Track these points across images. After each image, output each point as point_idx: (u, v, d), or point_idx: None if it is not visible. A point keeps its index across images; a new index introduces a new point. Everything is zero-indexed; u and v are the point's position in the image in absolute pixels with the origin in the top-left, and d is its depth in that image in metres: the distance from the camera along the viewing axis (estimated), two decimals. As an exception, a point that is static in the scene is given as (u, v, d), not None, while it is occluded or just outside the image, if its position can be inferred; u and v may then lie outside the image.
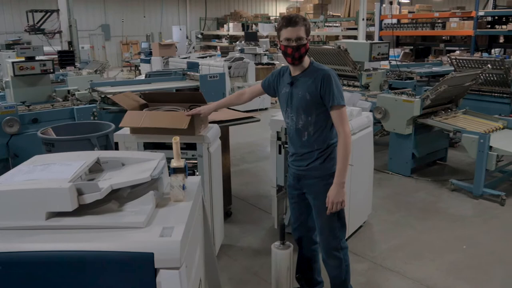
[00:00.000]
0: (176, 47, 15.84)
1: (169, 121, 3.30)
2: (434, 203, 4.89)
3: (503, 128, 5.30)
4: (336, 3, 21.85)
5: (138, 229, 1.81)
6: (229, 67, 10.00)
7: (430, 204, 4.87)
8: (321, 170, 2.72)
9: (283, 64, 10.85)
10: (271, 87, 2.92)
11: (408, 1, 21.19)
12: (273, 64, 11.38)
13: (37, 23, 9.22)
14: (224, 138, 4.46)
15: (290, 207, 3.03)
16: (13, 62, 5.08)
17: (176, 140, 2.07)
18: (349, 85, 7.11)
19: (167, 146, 3.51)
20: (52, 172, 1.98)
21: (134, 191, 2.11)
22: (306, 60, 2.69)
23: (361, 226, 4.26)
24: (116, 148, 3.63)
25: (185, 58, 11.81)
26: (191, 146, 3.48)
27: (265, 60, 12.23)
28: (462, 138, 4.94)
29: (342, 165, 2.62)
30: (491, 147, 4.74)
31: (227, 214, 4.57)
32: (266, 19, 20.86)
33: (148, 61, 13.36)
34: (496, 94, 6.55)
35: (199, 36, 21.34)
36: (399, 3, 14.52)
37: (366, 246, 3.95)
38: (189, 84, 6.00)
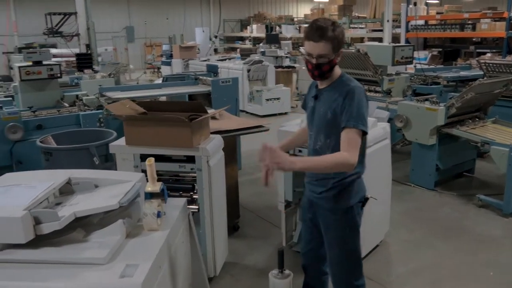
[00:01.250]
0: (198, 49, 15.77)
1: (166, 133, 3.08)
2: (459, 220, 4.51)
3: (537, 140, 4.86)
4: (362, 4, 21.33)
5: (98, 266, 1.58)
6: (248, 70, 9.76)
7: (455, 221, 4.49)
8: (334, 202, 2.37)
9: (304, 68, 10.56)
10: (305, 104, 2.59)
11: (437, 1, 20.54)
12: (293, 67, 11.07)
13: (56, 26, 9.19)
14: (232, 148, 4.21)
15: (302, 228, 2.74)
16: (19, 67, 4.96)
17: (150, 163, 1.83)
18: (370, 91, 6.75)
19: (166, 158, 3.30)
20: (10, 197, 1.77)
21: (107, 216, 1.88)
22: (336, 72, 2.32)
23: (377, 246, 3.92)
24: (113, 160, 3.43)
25: (205, 60, 11.64)
26: (191, 159, 3.24)
27: (286, 63, 11.95)
28: (490, 150, 4.54)
29: (312, 163, 2.25)
30: (523, 160, 4.33)
31: (234, 228, 4.32)
32: (290, 20, 20.55)
33: (169, 64, 13.28)
34: (530, 101, 6.08)
35: (219, 37, 21.19)
36: (426, 4, 14.00)
37: (381, 269, 3.62)
38: (201, 89, 5.77)
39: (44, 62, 5.15)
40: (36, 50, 5.15)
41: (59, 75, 5.14)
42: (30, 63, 5.05)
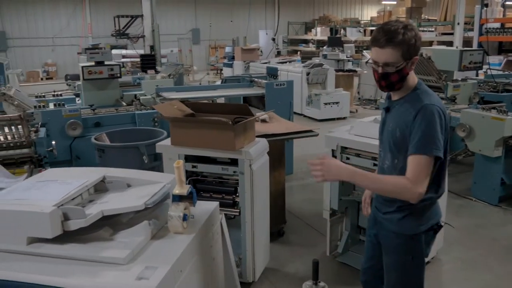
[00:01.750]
0: (261, 51, 15.87)
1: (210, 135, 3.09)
2: (524, 241, 4.14)
3: None
4: (433, 6, 20.43)
5: (118, 266, 1.59)
6: (307, 73, 9.64)
7: (519, 241, 4.13)
8: (398, 226, 2.11)
9: (365, 72, 10.26)
10: None
11: (518, 3, 19.19)
12: (355, 71, 10.79)
13: (123, 28, 9.61)
14: (279, 152, 4.16)
15: (366, 244, 2.49)
16: (82, 67, 5.22)
17: (177, 165, 1.81)
18: (433, 97, 6.40)
19: (210, 160, 3.31)
20: (44, 192, 1.82)
21: (136, 216, 1.89)
22: (411, 82, 2.02)
23: (427, 262, 3.69)
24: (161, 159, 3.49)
25: (265, 63, 11.66)
26: (234, 162, 3.22)
27: (349, 66, 11.68)
28: None
29: (372, 180, 2.00)
30: None
31: (279, 234, 4.25)
32: (355, 23, 20.11)
33: (231, 65, 13.46)
34: None
35: (283, 40, 21.18)
36: (503, 6, 13.10)
37: None
38: (255, 91, 5.76)
39: (106, 63, 5.37)
40: (98, 51, 5.41)
41: (118, 75, 5.35)
42: (93, 63, 5.29)
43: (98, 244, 1.70)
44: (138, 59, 9.82)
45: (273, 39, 12.60)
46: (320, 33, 19.67)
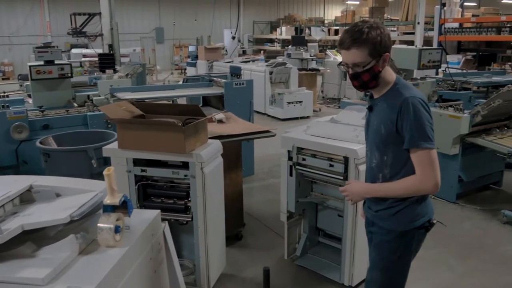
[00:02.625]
0: (226, 50, 15.69)
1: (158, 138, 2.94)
2: (480, 238, 4.17)
3: None
4: (395, 6, 20.77)
5: (36, 288, 1.42)
6: (271, 73, 9.56)
7: (475, 239, 4.15)
8: (390, 222, 2.10)
9: (329, 70, 10.26)
10: None
11: (475, 4, 19.77)
12: (318, 70, 10.79)
13: (80, 26, 9.27)
14: (236, 154, 4.05)
15: (368, 242, 2.37)
16: (30, 66, 4.95)
17: (108, 172, 1.66)
18: (393, 95, 6.44)
19: (161, 163, 3.15)
20: (-43, 205, 1.64)
21: (66, 229, 1.73)
22: (389, 79, 2.02)
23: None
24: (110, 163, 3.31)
25: (229, 62, 11.52)
26: (186, 165, 3.07)
27: (313, 65, 11.67)
28: (518, 162, 4.18)
29: (384, 192, 2.08)
30: (554, 175, 3.96)
31: (237, 238, 4.13)
32: (320, 23, 20.21)
33: (194, 65, 13.25)
34: None
35: (248, 39, 21.10)
36: (462, 6, 13.42)
37: (388, 288, 3.35)
38: (214, 91, 5.62)
39: (56, 62, 5.11)
40: (47, 50, 5.13)
41: (69, 74, 5.10)
42: (42, 63, 5.02)
43: (17, 262, 1.53)
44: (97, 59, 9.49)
45: (233, 38, 12.44)
46: (285, 32, 19.68)
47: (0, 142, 4.35)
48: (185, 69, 15.19)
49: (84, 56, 14.07)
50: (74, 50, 14.72)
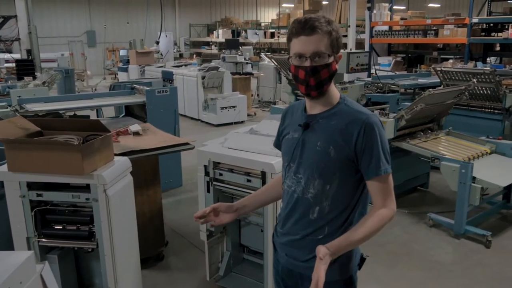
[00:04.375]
0: (161, 54, 15.23)
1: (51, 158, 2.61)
2: (408, 243, 4.15)
3: (490, 153, 4.57)
4: (328, 9, 21.18)
5: None
6: (203, 77, 9.30)
7: (404, 245, 4.13)
8: (330, 273, 1.58)
9: (262, 74, 10.15)
10: (279, 138, 1.93)
11: (404, 7, 20.57)
12: (251, 74, 10.67)
13: (-7, 30, 8.57)
14: (153, 169, 3.77)
15: None
16: None
17: None
18: (323, 100, 6.40)
19: (62, 185, 2.81)
20: None
21: None
22: (333, 92, 1.72)
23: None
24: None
25: (161, 67, 11.14)
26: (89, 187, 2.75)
27: (248, 69, 11.53)
28: (440, 166, 4.20)
29: (355, 239, 1.64)
30: (474, 178, 4.01)
31: (158, 258, 3.85)
32: (256, 25, 20.18)
33: (126, 70, 12.71)
34: (486, 110, 5.84)
35: (185, 42, 20.72)
36: (390, 10, 13.84)
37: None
38: (136, 99, 5.28)
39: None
40: None
41: (-32, 84, 4.56)
42: None
43: None
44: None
45: (157, 43, 12.10)
46: (221, 35, 19.46)
47: None
48: (117, 74, 14.57)
49: (7, 61, 13.14)
50: (-4, 55, 13.71)
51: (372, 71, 7.98)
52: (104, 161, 2.81)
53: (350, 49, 9.51)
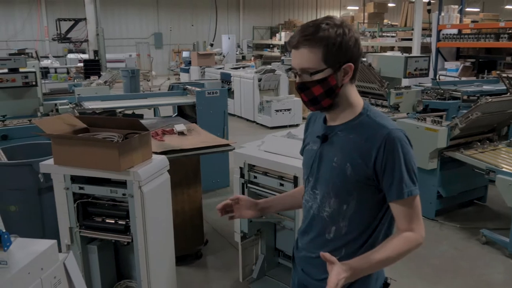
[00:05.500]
0: (223, 56, 15.55)
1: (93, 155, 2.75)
2: (456, 259, 3.92)
3: (555, 168, 4.20)
4: (395, 12, 20.53)
5: None
6: (259, 80, 9.36)
7: (451, 260, 3.90)
8: None
9: (319, 77, 10.15)
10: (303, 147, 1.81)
11: (478, 9, 19.48)
12: (308, 77, 10.57)
13: (65, 32, 9.16)
14: (194, 168, 3.85)
15: None
16: (-7, 74, 4.80)
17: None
18: (377, 105, 6.21)
19: (99, 180, 2.95)
20: None
21: None
22: (354, 102, 1.56)
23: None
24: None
25: (220, 68, 11.37)
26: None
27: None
28: (496, 179, 3.93)
29: (381, 257, 1.47)
30: (533, 193, 3.71)
31: (196, 256, 3.92)
32: (320, 28, 19.98)
33: (187, 71, 13.11)
34: (557, 121, 5.37)
35: (248, 44, 20.96)
36: (461, 12, 13.15)
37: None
38: (187, 100, 5.43)
39: (21, 70, 4.95)
40: (10, 57, 4.97)
41: (34, 83, 4.92)
42: (6, 70, 4.87)
43: None
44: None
45: (211, 45, 12.31)
46: (284, 37, 19.47)
47: (-46, 153, 4.17)
48: (179, 75, 15.06)
49: (80, 61, 14.01)
50: (70, 56, 14.65)
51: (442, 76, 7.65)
52: (142, 158, 2.91)
53: (409, 54, 9.16)
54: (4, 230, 1.59)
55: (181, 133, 4.06)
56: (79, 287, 1.94)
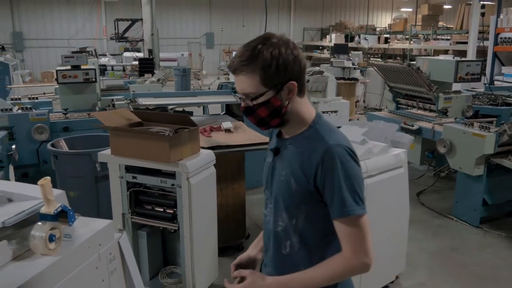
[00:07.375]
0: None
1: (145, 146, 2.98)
2: (498, 268, 3.86)
3: None
4: (450, 14, 19.90)
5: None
6: (307, 81, 9.43)
7: (492, 269, 3.84)
8: None
9: (368, 80, 9.99)
10: None
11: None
12: (356, 79, 10.53)
13: (123, 31, 9.63)
14: (238, 164, 4.01)
15: None
16: (57, 70, 5.19)
17: (42, 183, 1.68)
18: (425, 109, 6.17)
19: (154, 171, 3.18)
20: None
21: (7, 235, 1.78)
22: (304, 114, 1.51)
23: (385, 287, 3.46)
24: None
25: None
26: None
27: (356, 74, 11.39)
28: (544, 188, 3.84)
29: (306, 279, 1.46)
30: None
31: (238, 249, 4.09)
32: (371, 30, 19.75)
33: (235, 71, 13.35)
34: None
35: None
36: (521, 15, 12.59)
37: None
38: (236, 99, 5.61)
39: (82, 67, 5.31)
40: (73, 55, 5.35)
41: (94, 79, 5.27)
42: (69, 67, 5.25)
43: None
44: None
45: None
46: (334, 39, 19.36)
47: (23, 142, 4.57)
48: (229, 74, 15.37)
49: (135, 59, 14.65)
50: (126, 54, 15.34)
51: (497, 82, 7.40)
52: (190, 152, 3.12)
53: (463, 58, 8.93)
54: (69, 208, 1.80)
55: (227, 130, 4.25)
56: (131, 264, 2.14)
